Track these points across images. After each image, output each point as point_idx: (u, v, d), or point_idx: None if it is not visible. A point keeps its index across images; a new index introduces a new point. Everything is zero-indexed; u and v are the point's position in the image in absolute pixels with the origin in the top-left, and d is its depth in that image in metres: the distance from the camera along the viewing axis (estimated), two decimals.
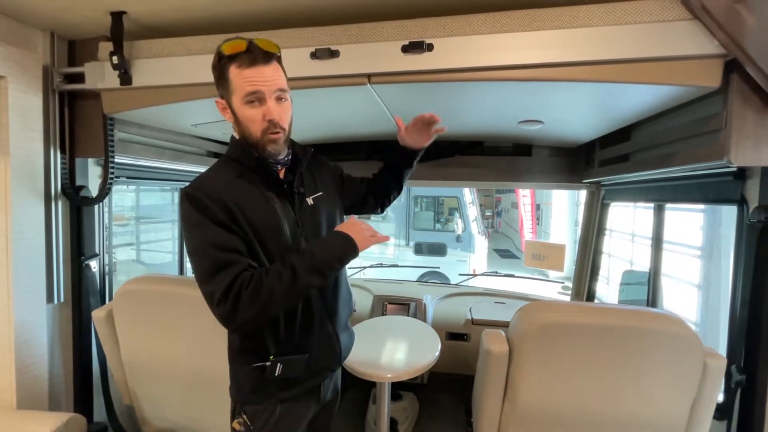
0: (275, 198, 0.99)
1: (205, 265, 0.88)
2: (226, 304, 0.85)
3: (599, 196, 2.23)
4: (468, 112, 1.52)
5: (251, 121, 0.93)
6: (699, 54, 0.98)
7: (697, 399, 1.10)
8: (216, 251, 0.87)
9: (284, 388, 1.02)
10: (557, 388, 1.15)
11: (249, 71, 0.89)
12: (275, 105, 0.92)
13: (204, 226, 0.89)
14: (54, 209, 1.44)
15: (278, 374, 0.97)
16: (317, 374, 1.07)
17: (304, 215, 1.03)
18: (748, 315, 1.13)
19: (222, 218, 0.90)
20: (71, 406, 1.53)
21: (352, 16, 1.20)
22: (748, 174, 1.19)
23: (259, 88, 0.90)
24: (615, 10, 1.01)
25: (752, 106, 1.01)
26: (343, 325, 1.15)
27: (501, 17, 1.07)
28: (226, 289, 0.85)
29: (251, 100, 0.91)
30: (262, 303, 0.86)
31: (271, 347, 0.98)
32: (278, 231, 0.97)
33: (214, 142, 2.15)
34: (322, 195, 1.10)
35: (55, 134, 1.42)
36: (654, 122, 1.46)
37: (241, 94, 0.90)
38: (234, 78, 0.90)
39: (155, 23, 1.32)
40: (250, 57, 0.89)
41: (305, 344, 1.02)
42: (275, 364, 0.97)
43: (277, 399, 1.02)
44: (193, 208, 0.90)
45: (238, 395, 1.05)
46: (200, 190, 0.92)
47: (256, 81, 0.89)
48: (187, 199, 0.91)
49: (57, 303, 1.47)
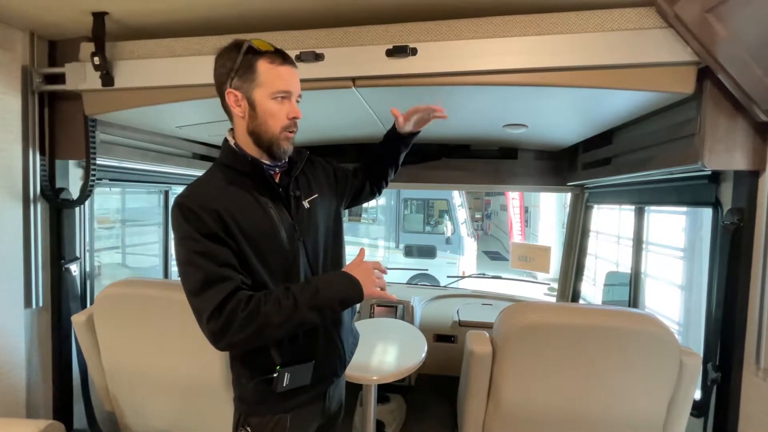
0: (270, 203, 0.97)
1: (196, 279, 0.85)
2: (216, 322, 0.82)
3: (583, 198, 2.27)
4: (453, 115, 1.54)
5: (274, 116, 0.93)
6: (673, 61, 1.01)
7: (674, 396, 1.13)
8: (207, 264, 0.85)
9: (290, 397, 0.99)
10: (539, 387, 1.17)
11: (284, 69, 0.92)
12: (296, 106, 0.95)
13: (195, 238, 0.86)
14: (33, 212, 1.41)
15: (287, 384, 0.94)
16: (322, 380, 1.04)
17: (301, 219, 1.02)
18: (723, 314, 1.16)
19: (214, 229, 0.87)
20: (50, 413, 1.50)
21: (337, 19, 1.21)
22: (722, 177, 1.23)
23: (291, 88, 0.93)
24: (593, 18, 1.04)
25: (724, 111, 1.05)
26: (348, 330, 1.13)
27: (484, 23, 1.09)
28: (218, 306, 0.82)
29: (281, 97, 0.92)
30: (256, 329, 0.84)
31: (276, 357, 0.95)
32: (275, 236, 0.95)
33: (200, 144, 2.13)
34: (318, 197, 1.08)
35: (35, 135, 1.40)
36: (634, 127, 1.50)
37: (272, 89, 0.91)
38: (265, 72, 0.91)
39: (138, 24, 1.31)
40: (282, 56, 0.92)
41: (311, 351, 0.99)
42: (283, 375, 0.94)
43: (283, 409, 0.99)
44: (185, 219, 0.87)
45: (243, 406, 1.01)
46: (192, 199, 0.89)
47: (288, 80, 0.93)
48: (178, 208, 0.88)
49: (35, 308, 1.43)
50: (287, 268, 0.97)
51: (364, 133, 1.94)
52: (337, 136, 2.08)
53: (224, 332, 0.83)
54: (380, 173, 1.26)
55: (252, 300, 0.85)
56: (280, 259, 0.95)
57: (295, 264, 0.98)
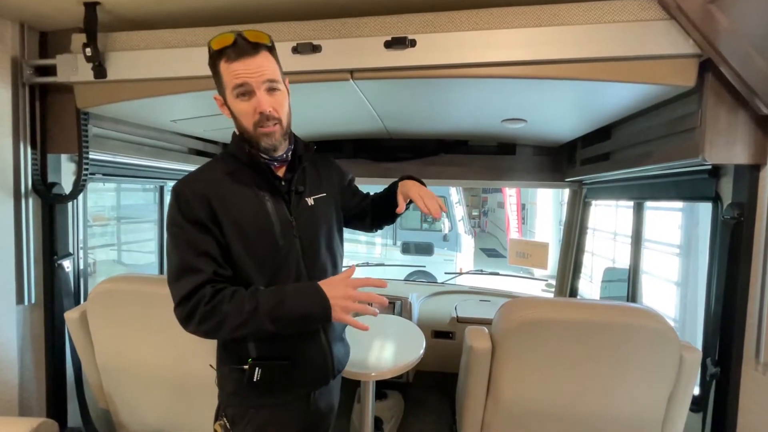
0: (268, 196, 0.96)
1: (174, 265, 0.89)
2: (181, 311, 0.87)
3: (581, 194, 2.27)
4: (452, 109, 1.52)
5: (243, 115, 0.91)
6: (675, 53, 1.00)
7: (673, 392, 1.12)
8: (186, 252, 0.88)
9: (266, 394, 0.98)
10: (538, 383, 1.16)
11: (235, 64, 0.87)
12: (266, 96, 0.89)
13: (180, 224, 0.89)
14: (24, 207, 1.38)
15: (256, 379, 0.94)
16: (304, 385, 1.02)
17: (300, 215, 1.00)
18: (723, 309, 1.16)
19: (200, 216, 0.89)
20: (44, 411, 1.48)
21: (335, 10, 1.19)
22: (722, 172, 1.22)
23: (245, 80, 0.87)
24: (594, 9, 1.02)
25: (725, 105, 1.04)
26: (338, 336, 1.11)
27: (484, 14, 1.07)
28: (186, 295, 0.86)
29: (241, 93, 0.89)
30: (214, 325, 0.86)
31: (251, 350, 0.95)
32: (267, 231, 0.94)
33: (196, 139, 2.10)
34: (325, 196, 1.06)
35: (26, 129, 1.37)
36: (633, 121, 1.49)
37: (230, 88, 0.90)
38: (223, 73, 0.89)
39: (131, 14, 1.28)
40: (236, 50, 0.87)
41: (291, 352, 0.98)
42: (253, 368, 0.94)
43: (259, 404, 0.98)
44: (175, 204, 0.91)
45: (222, 395, 1.02)
46: (186, 184, 0.93)
47: (241, 73, 0.87)
48: (173, 192, 0.93)
49: (28, 304, 1.41)
50: (278, 263, 0.96)
51: (361, 128, 1.92)
52: (334, 131, 2.06)
53: (187, 321, 0.87)
54: (379, 215, 1.25)
55: (216, 296, 0.86)
56: (270, 253, 0.95)
57: (287, 259, 0.97)
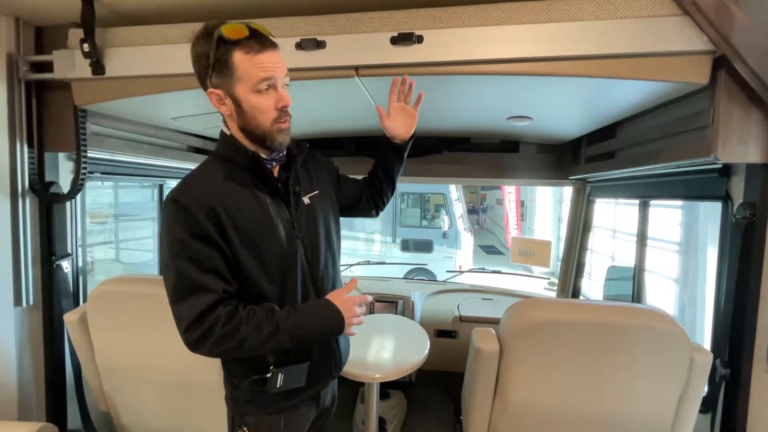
0: (269, 198, 0.93)
1: (179, 283, 0.83)
2: (193, 333, 0.81)
3: (585, 192, 2.25)
4: (458, 106, 1.50)
5: (262, 111, 0.86)
6: (688, 50, 0.98)
7: (683, 393, 1.11)
8: (192, 270, 0.82)
9: (285, 398, 0.97)
10: (548, 385, 1.15)
11: (261, 56, 0.83)
12: (284, 92, 0.88)
13: (185, 241, 0.82)
14: (21, 207, 1.35)
15: (280, 385, 0.92)
16: (318, 382, 1.02)
17: (300, 215, 0.98)
18: (733, 310, 1.14)
19: (207, 230, 0.83)
20: (43, 414, 1.46)
21: (340, 5, 1.16)
22: (733, 171, 1.20)
23: (272, 73, 0.84)
24: (606, 5, 1.00)
25: (738, 102, 1.02)
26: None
27: (492, 9, 1.05)
28: (197, 317, 0.81)
29: (265, 88, 0.84)
30: (231, 348, 0.83)
31: (269, 356, 0.92)
32: (272, 233, 0.91)
33: (195, 137, 2.07)
34: (318, 193, 1.04)
35: (22, 127, 1.34)
36: (640, 119, 1.47)
37: (252, 82, 0.83)
38: (242, 65, 0.82)
39: (129, 9, 1.25)
40: (259, 42, 0.83)
41: (307, 352, 0.96)
42: (276, 375, 0.91)
43: (277, 409, 0.96)
44: (177, 218, 0.83)
45: (237, 406, 0.98)
46: (187, 193, 0.84)
47: (269, 66, 0.83)
48: (172, 204, 0.84)
49: (26, 306, 1.39)
50: (285, 268, 0.93)
51: (364, 125, 1.90)
52: (336, 128, 2.03)
53: (199, 345, 0.82)
54: (376, 187, 1.20)
55: (233, 319, 0.83)
56: (277, 258, 0.91)
57: (293, 263, 0.94)
